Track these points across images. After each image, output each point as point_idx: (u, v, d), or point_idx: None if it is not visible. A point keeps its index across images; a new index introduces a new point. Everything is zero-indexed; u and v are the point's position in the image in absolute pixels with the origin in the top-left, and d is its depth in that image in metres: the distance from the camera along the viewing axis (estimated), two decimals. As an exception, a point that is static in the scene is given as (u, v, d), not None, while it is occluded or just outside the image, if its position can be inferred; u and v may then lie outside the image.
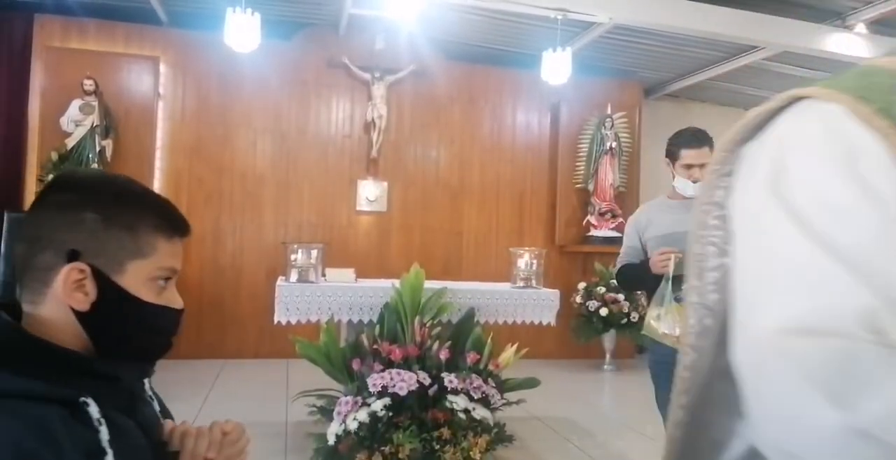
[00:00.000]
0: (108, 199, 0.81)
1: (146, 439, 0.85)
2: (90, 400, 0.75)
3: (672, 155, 2.59)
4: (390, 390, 3.08)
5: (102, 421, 0.75)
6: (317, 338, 3.44)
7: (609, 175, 6.80)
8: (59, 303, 0.78)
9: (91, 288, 0.79)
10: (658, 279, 2.44)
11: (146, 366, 0.90)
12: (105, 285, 0.79)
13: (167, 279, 0.86)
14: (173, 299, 0.87)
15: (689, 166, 2.52)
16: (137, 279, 0.82)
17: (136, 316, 0.82)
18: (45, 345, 0.76)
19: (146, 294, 0.83)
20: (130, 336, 0.83)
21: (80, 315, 0.79)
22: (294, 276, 3.69)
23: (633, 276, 2.71)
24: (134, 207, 0.83)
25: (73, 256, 0.78)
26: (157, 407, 0.95)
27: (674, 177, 2.62)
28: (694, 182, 2.51)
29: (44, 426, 0.68)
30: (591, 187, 6.83)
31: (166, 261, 0.84)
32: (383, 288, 3.59)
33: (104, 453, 0.73)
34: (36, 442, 0.66)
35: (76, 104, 5.41)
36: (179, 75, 6.04)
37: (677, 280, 2.30)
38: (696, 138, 2.53)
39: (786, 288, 0.55)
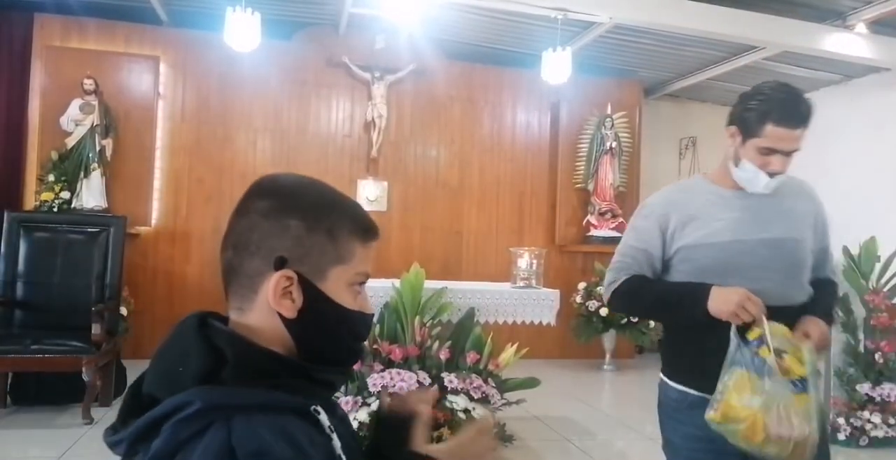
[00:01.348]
0: (308, 206, 0.82)
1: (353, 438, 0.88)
2: (320, 409, 0.77)
3: (746, 124, 1.61)
4: (390, 390, 3.09)
5: (333, 428, 0.77)
6: (317, 337, 3.43)
7: (609, 175, 6.80)
8: (267, 309, 0.79)
9: (297, 295, 0.79)
10: (714, 327, 1.53)
11: (348, 372, 0.90)
12: (310, 292, 0.79)
13: (361, 284, 0.86)
14: (366, 304, 0.87)
15: (768, 151, 1.59)
16: (338, 285, 0.82)
17: (339, 322, 0.83)
18: (274, 356, 0.77)
19: (346, 300, 0.83)
20: (334, 342, 0.83)
21: (286, 321, 0.79)
22: (294, 276, 3.69)
23: (653, 303, 1.74)
24: (332, 213, 0.83)
25: (280, 263, 0.78)
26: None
27: (734, 158, 1.66)
28: (771, 175, 1.61)
29: (292, 435, 0.70)
30: (591, 187, 6.83)
31: (362, 266, 0.85)
32: (383, 287, 3.59)
33: (341, 459, 0.76)
34: (290, 451, 0.68)
35: (76, 104, 5.41)
36: (179, 75, 6.04)
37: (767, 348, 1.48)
38: (797, 113, 1.57)
39: None
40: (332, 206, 0.84)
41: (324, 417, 0.77)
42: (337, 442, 0.76)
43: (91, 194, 5.40)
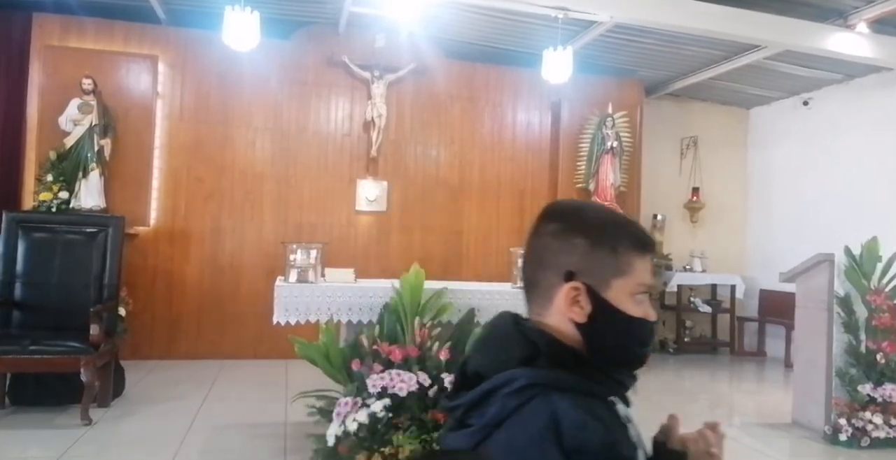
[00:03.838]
0: (591, 225, 0.93)
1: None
2: (617, 400, 0.89)
3: None
4: (390, 391, 3.07)
5: (629, 418, 0.89)
6: (316, 338, 3.42)
7: (610, 174, 6.78)
8: (560, 315, 0.92)
9: (585, 302, 0.91)
10: None
11: (635, 375, 0.99)
12: (596, 300, 0.91)
13: (643, 293, 0.95)
14: (649, 312, 0.95)
15: None
16: (620, 294, 0.92)
17: (623, 327, 0.92)
18: (577, 353, 0.90)
19: (629, 308, 0.92)
20: (620, 345, 0.93)
21: (579, 326, 0.91)
22: (293, 276, 3.67)
23: None
24: (613, 231, 0.94)
25: (569, 276, 0.91)
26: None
27: None
28: None
29: (601, 417, 0.83)
30: (591, 187, 6.81)
31: (642, 277, 0.94)
32: (383, 288, 3.57)
33: (636, 448, 0.87)
34: (602, 430, 0.81)
35: (75, 103, 5.39)
36: (178, 74, 6.02)
37: None
38: None
39: None
40: (612, 225, 0.95)
41: (621, 407, 0.89)
42: (633, 431, 0.88)
43: (90, 194, 5.38)
